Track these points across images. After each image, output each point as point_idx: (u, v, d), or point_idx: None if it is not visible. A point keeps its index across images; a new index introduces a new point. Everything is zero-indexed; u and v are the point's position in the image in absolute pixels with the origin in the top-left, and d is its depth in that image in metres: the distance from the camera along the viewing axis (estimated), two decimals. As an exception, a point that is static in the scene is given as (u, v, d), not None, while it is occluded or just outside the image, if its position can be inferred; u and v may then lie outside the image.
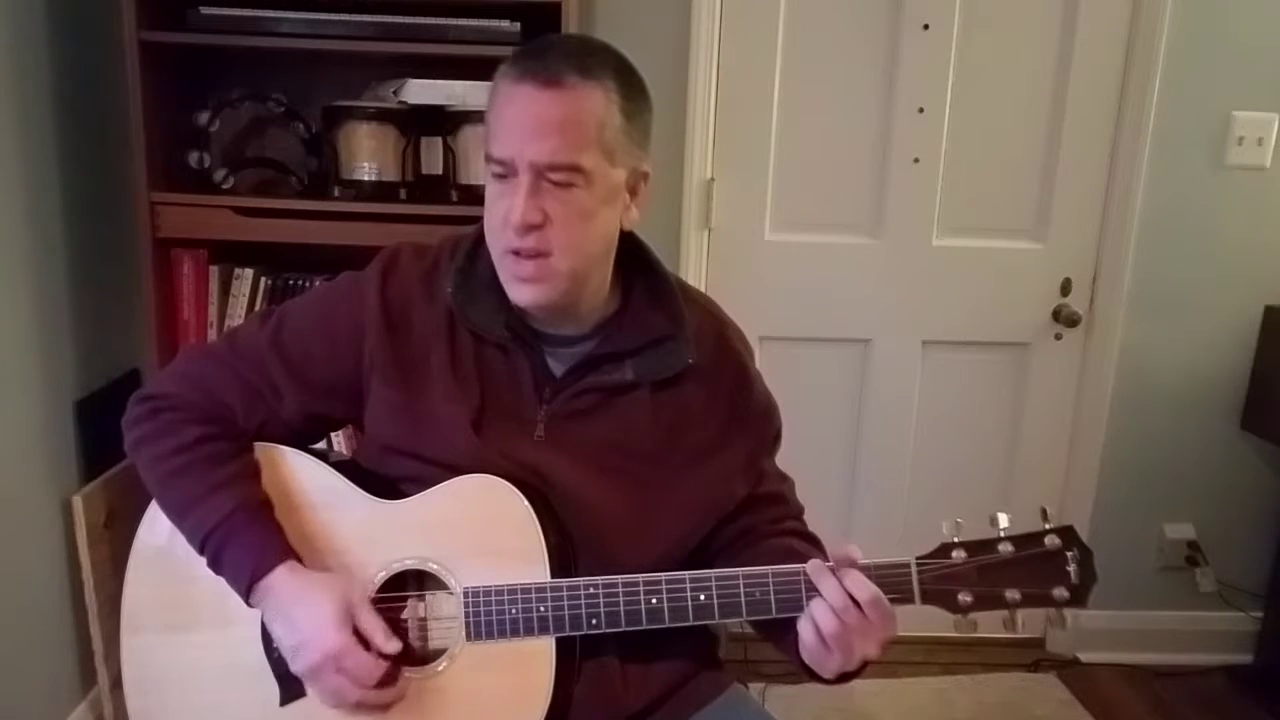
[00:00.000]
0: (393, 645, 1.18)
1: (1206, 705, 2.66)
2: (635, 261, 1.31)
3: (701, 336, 1.31)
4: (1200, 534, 2.80)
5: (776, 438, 1.39)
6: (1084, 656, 2.84)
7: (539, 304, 1.21)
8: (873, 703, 2.56)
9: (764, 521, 1.33)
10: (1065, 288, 2.68)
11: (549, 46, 1.19)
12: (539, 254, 1.17)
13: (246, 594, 1.19)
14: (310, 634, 1.16)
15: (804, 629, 1.15)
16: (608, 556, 1.22)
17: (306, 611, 1.17)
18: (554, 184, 1.15)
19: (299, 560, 1.21)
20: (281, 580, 1.18)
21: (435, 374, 1.26)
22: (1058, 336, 2.70)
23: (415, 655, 1.23)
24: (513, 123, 1.15)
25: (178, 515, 1.24)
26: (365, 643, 1.17)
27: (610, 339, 1.28)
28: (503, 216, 1.17)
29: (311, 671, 1.18)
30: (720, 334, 1.35)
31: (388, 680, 1.19)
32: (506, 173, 1.16)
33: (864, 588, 1.12)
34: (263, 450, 1.29)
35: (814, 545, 1.33)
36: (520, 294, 1.21)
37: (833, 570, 1.15)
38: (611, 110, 1.16)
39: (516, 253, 1.18)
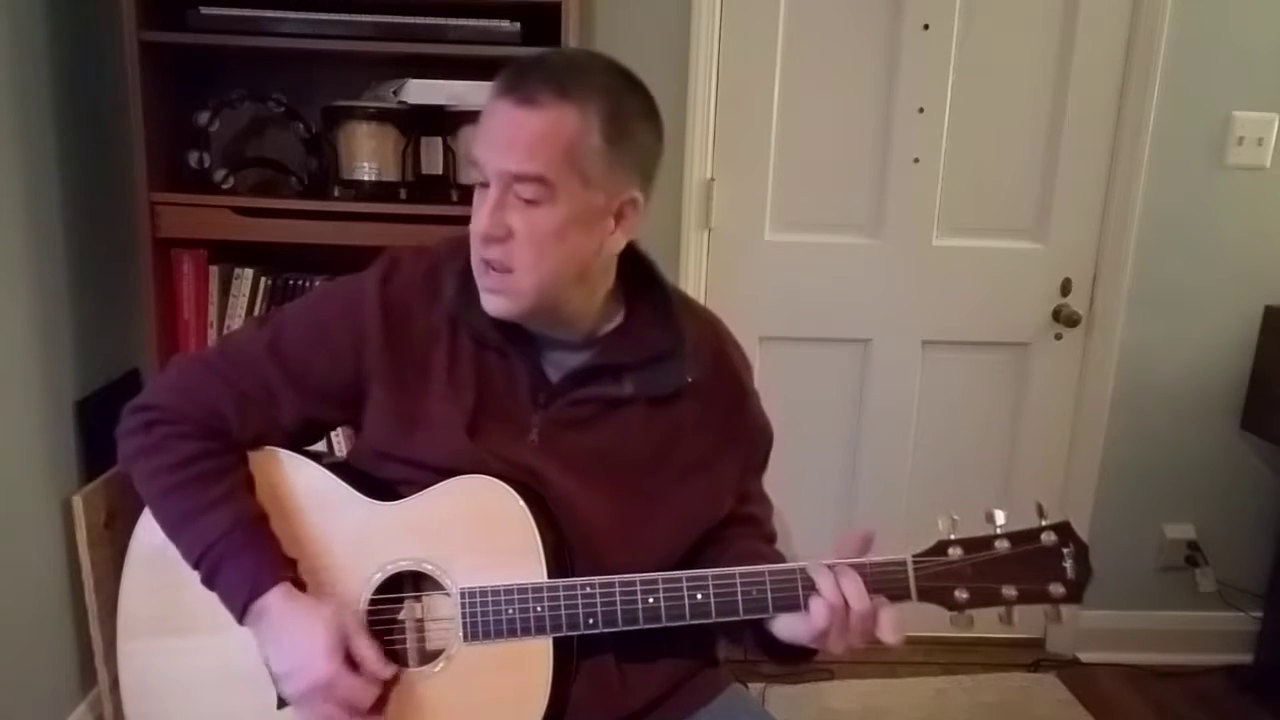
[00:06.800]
0: (387, 670, 1.18)
1: (1206, 705, 2.66)
2: (639, 275, 1.31)
3: (701, 352, 1.30)
4: (1200, 534, 2.80)
5: (765, 459, 1.39)
6: (1084, 656, 2.84)
7: (505, 316, 1.21)
8: (873, 703, 2.56)
9: (733, 535, 1.33)
10: (1065, 288, 2.68)
11: (536, 63, 1.17)
12: (503, 268, 1.17)
13: (240, 616, 1.19)
14: (300, 662, 1.16)
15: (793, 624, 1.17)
16: (599, 563, 1.22)
17: (298, 639, 1.16)
18: (522, 200, 1.15)
19: (295, 579, 1.21)
20: (274, 604, 1.17)
21: (433, 376, 1.26)
22: (1058, 336, 2.70)
23: (408, 659, 1.23)
24: (485, 133, 1.16)
25: (173, 532, 1.23)
26: (358, 667, 1.17)
27: (611, 352, 1.28)
28: (473, 224, 1.18)
29: (300, 698, 1.18)
30: (720, 350, 1.35)
31: (380, 706, 1.18)
32: (484, 180, 1.17)
33: (859, 598, 1.13)
34: (258, 452, 1.28)
35: (780, 558, 1.33)
36: (486, 303, 1.21)
37: (830, 568, 1.15)
38: (588, 132, 1.14)
39: (487, 262, 1.18)
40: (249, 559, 1.19)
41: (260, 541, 1.21)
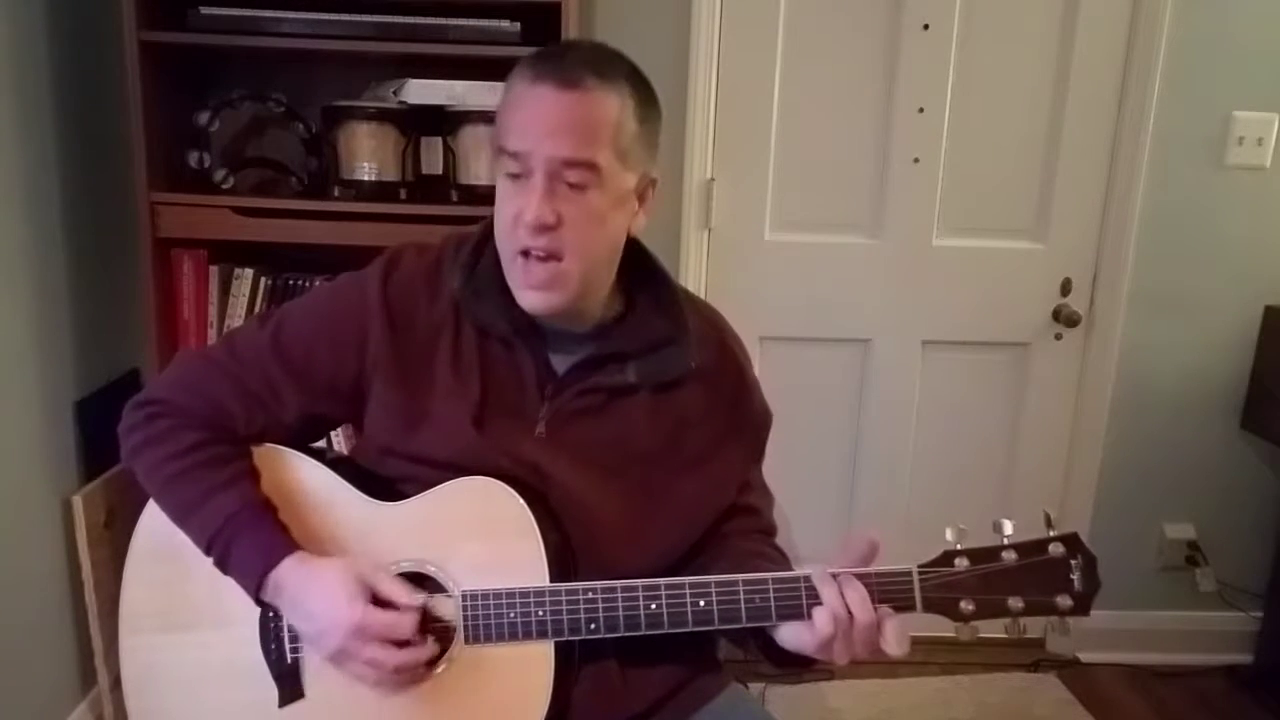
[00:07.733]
0: (418, 598, 1.18)
1: (1206, 705, 2.66)
2: (639, 266, 1.31)
3: (703, 342, 1.31)
4: (1200, 534, 2.81)
5: (764, 445, 1.40)
6: (1084, 656, 2.84)
7: (549, 311, 1.22)
8: (873, 703, 2.56)
9: (734, 531, 1.33)
10: (1065, 288, 2.68)
11: (565, 51, 1.19)
12: (551, 256, 1.17)
13: (257, 591, 1.19)
14: (326, 618, 1.16)
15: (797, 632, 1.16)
16: (605, 558, 1.22)
17: (318, 597, 1.16)
18: (569, 185, 1.15)
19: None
20: (289, 573, 1.18)
21: (437, 371, 1.26)
22: (1058, 336, 2.70)
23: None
24: (529, 122, 1.16)
25: (180, 520, 1.23)
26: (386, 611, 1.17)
27: (613, 340, 1.28)
28: (514, 215, 1.17)
29: (339, 653, 1.17)
30: (721, 341, 1.36)
31: (418, 639, 1.18)
32: (521, 172, 1.16)
33: (863, 608, 1.12)
34: (261, 450, 1.28)
35: (783, 557, 1.34)
36: (529, 300, 1.21)
37: (834, 578, 1.14)
38: (626, 114, 1.17)
39: (527, 254, 1.18)
40: (261, 535, 1.19)
41: (269, 519, 1.21)
